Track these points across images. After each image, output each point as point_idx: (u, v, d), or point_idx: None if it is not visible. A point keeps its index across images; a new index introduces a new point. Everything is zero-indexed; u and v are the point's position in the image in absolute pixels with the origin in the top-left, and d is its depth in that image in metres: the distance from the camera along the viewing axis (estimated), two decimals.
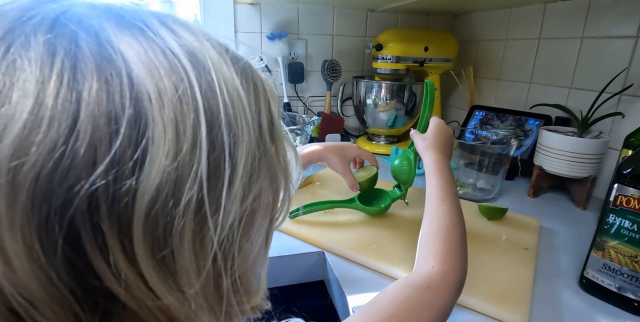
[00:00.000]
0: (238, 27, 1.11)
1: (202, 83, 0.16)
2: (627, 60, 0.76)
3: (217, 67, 0.17)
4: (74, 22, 0.15)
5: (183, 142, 0.15)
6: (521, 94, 1.02)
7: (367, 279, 0.53)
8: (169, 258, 0.15)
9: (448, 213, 0.44)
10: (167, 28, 0.17)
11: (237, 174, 0.17)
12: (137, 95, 0.14)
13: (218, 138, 0.16)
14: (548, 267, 0.56)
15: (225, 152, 0.16)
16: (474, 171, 0.81)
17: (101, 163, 0.13)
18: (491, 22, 1.12)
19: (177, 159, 0.14)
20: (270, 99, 0.20)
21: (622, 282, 0.48)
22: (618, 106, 0.79)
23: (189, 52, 0.16)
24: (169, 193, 0.14)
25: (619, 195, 0.47)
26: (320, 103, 1.25)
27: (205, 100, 0.16)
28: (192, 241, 0.15)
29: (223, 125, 0.16)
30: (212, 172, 0.16)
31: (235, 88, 0.17)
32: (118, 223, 0.14)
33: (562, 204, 0.80)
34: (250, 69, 0.20)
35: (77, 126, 0.13)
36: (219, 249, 0.17)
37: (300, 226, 0.64)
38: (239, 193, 0.17)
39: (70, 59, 0.14)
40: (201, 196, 0.15)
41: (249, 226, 0.19)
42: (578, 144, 0.74)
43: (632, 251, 0.46)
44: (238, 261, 0.18)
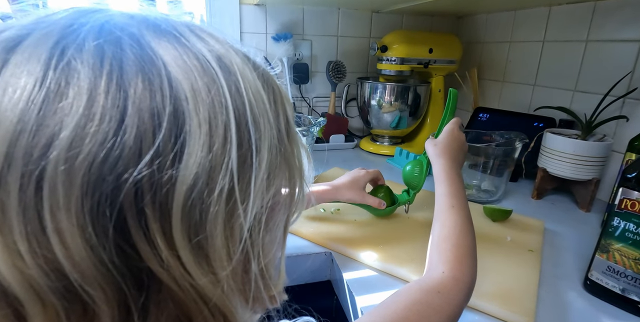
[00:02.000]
0: (244, 28, 1.12)
1: (231, 85, 0.17)
2: (631, 64, 0.77)
3: (242, 71, 0.19)
4: (117, 29, 0.16)
5: (216, 137, 0.16)
6: (525, 96, 1.03)
7: (374, 279, 0.54)
8: (203, 242, 0.16)
9: (458, 220, 0.45)
10: (197, 36, 0.18)
11: (262, 168, 0.18)
12: (176, 94, 0.16)
13: (245, 134, 0.17)
14: (553, 268, 0.57)
15: (252, 147, 0.17)
16: (478, 172, 0.82)
17: (146, 154, 0.14)
18: (495, 24, 1.12)
19: (210, 152, 0.16)
20: (285, 103, 0.22)
21: (626, 284, 0.48)
22: (622, 109, 0.79)
23: (217, 57, 0.18)
24: (204, 182, 0.16)
25: (624, 198, 0.47)
26: (325, 104, 1.26)
27: (234, 100, 0.17)
28: (224, 227, 0.17)
29: (250, 123, 0.18)
30: (241, 165, 0.17)
31: (258, 91, 0.19)
32: (160, 209, 0.15)
33: (565, 206, 0.80)
34: (269, 75, 0.22)
35: (125, 121, 0.14)
36: (248, 235, 0.18)
37: (308, 226, 0.64)
38: (263, 186, 0.18)
39: (118, 61, 0.15)
40: (232, 186, 0.17)
41: (269, 218, 0.20)
42: (582, 147, 0.75)
43: (637, 254, 0.47)
44: (261, 249, 0.20)
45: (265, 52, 1.16)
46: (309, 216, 0.69)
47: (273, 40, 1.13)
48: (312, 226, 0.65)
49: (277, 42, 1.12)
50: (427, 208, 0.72)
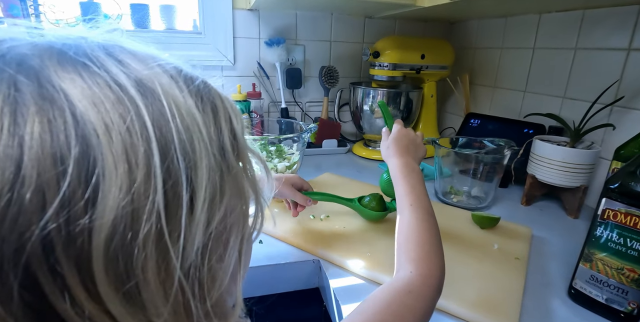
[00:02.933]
0: (237, 33, 1.12)
1: (152, 111, 0.16)
2: (619, 72, 0.77)
3: (168, 92, 0.17)
4: (12, 65, 0.14)
5: (136, 174, 0.14)
6: (516, 102, 1.04)
7: (362, 287, 0.54)
8: (134, 291, 0.15)
9: (418, 217, 0.45)
10: (113, 59, 0.17)
11: (199, 198, 0.16)
12: (83, 133, 0.14)
13: (174, 165, 0.16)
14: (538, 276, 0.58)
15: (182, 178, 0.16)
16: (468, 178, 0.82)
17: (50, 206, 0.13)
18: (487, 30, 1.13)
19: (131, 192, 0.14)
20: (232, 116, 0.20)
21: (609, 293, 0.49)
22: (610, 117, 0.80)
23: (136, 81, 0.16)
24: (127, 227, 0.14)
25: (607, 209, 0.48)
26: (318, 108, 1.26)
27: (157, 128, 0.16)
28: (156, 271, 0.15)
29: (178, 151, 0.16)
30: (170, 201, 0.15)
31: (189, 111, 0.17)
32: (77, 263, 0.13)
33: (554, 213, 0.81)
34: (207, 89, 0.20)
35: (21, 171, 0.13)
36: (186, 275, 0.16)
37: (296, 233, 0.65)
38: (202, 217, 0.17)
39: (10, 105, 0.13)
40: (160, 226, 0.15)
41: (219, 246, 0.19)
42: (570, 154, 0.75)
43: (619, 264, 0.47)
44: (209, 284, 0.18)
45: (258, 57, 1.16)
46: (298, 222, 0.69)
47: (266, 45, 1.13)
48: (300, 233, 0.65)
49: (270, 47, 1.13)
50: None
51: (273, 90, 1.20)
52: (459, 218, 0.73)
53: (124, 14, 1.11)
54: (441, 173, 0.84)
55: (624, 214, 0.46)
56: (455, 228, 0.69)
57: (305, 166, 1.02)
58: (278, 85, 1.18)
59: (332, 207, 0.75)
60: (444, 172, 0.84)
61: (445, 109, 1.35)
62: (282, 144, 0.83)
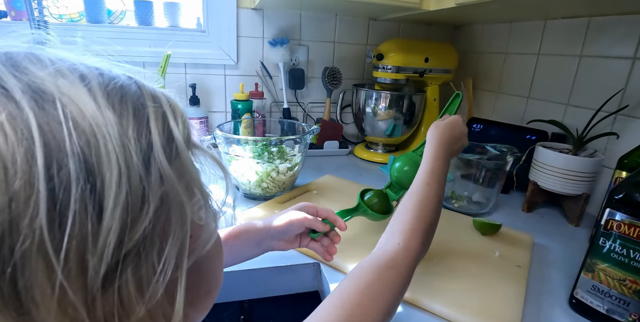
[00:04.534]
0: (240, 32, 1.11)
1: (42, 116, 0.14)
2: (624, 81, 0.77)
3: (67, 95, 0.15)
4: None
5: (12, 183, 0.13)
6: (519, 108, 1.04)
7: None
8: (24, 310, 0.13)
9: (428, 196, 0.46)
10: (11, 65, 0.16)
11: (108, 205, 0.15)
12: None
13: (64, 170, 0.14)
14: (539, 284, 0.57)
15: (72, 188, 0.14)
16: (469, 183, 0.82)
17: None
18: (492, 35, 1.13)
19: (5, 203, 0.13)
20: (169, 118, 0.19)
21: (611, 304, 0.49)
22: (613, 125, 0.80)
23: (29, 85, 0.15)
24: (3, 240, 0.13)
25: (610, 219, 0.48)
26: (320, 109, 1.26)
27: (46, 133, 0.14)
28: (47, 288, 0.14)
29: (69, 157, 0.14)
30: (60, 209, 0.14)
31: (95, 113, 0.16)
32: None
33: (555, 220, 0.81)
34: (133, 89, 0.18)
35: None
36: (96, 290, 0.15)
37: None
38: (115, 225, 0.15)
39: None
40: (42, 238, 0.13)
41: (149, 256, 0.17)
42: (572, 162, 0.75)
43: (621, 275, 0.47)
44: (133, 297, 0.16)
45: (261, 57, 1.15)
46: None
47: (270, 45, 1.13)
48: None
49: (274, 47, 1.12)
50: None
51: (275, 90, 1.19)
52: (459, 224, 0.73)
53: (128, 11, 1.11)
54: None
55: (628, 225, 0.46)
56: (456, 234, 0.69)
57: (306, 167, 1.02)
58: (281, 86, 1.17)
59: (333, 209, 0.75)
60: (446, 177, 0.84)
61: None
62: (284, 145, 0.82)
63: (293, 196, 0.81)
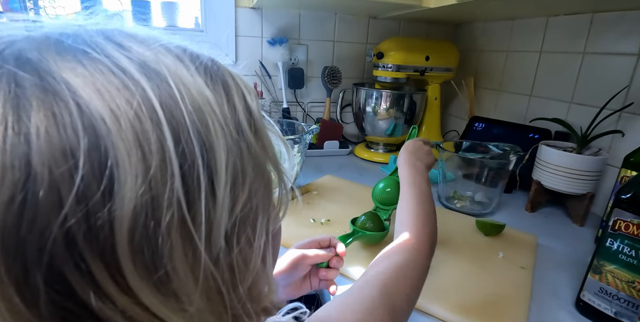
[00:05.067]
0: (239, 31, 1.10)
1: (160, 93, 0.15)
2: (628, 78, 0.76)
3: (175, 72, 0.16)
4: (10, 61, 0.14)
5: (150, 160, 0.14)
6: (521, 106, 1.02)
7: None
8: (164, 280, 0.14)
9: (416, 193, 0.50)
10: (113, 44, 0.16)
11: (220, 181, 0.16)
12: (90, 123, 0.13)
13: (189, 148, 0.15)
14: (544, 286, 0.56)
15: (198, 161, 0.15)
16: (472, 183, 0.81)
17: (66, 202, 0.12)
18: (493, 32, 1.11)
19: (147, 179, 0.14)
20: (245, 93, 0.20)
21: (619, 307, 0.47)
22: (618, 123, 0.78)
23: (140, 64, 0.16)
24: (148, 216, 0.14)
25: (618, 220, 0.46)
26: (320, 109, 1.25)
27: (167, 111, 0.15)
28: (184, 259, 0.15)
29: (191, 133, 0.15)
30: (190, 185, 0.15)
31: (199, 90, 0.16)
32: (102, 257, 0.13)
33: (559, 220, 0.79)
34: (216, 66, 0.19)
35: (32, 169, 0.12)
36: (216, 261, 0.16)
37: (296, 238, 0.63)
38: (226, 200, 0.16)
39: (12, 101, 0.13)
40: (182, 213, 0.14)
41: (247, 230, 0.18)
42: (576, 161, 0.74)
43: (630, 277, 0.46)
44: (241, 268, 0.18)
45: (260, 56, 1.14)
46: (298, 226, 0.67)
47: (268, 44, 1.12)
48: (301, 238, 0.63)
49: (273, 46, 1.11)
50: None
51: (275, 90, 1.18)
52: (462, 224, 0.71)
53: (126, 11, 1.10)
54: (444, 177, 0.83)
55: (637, 225, 0.45)
56: (459, 235, 0.68)
57: (306, 167, 1.00)
58: (280, 85, 1.16)
59: (334, 211, 0.74)
60: (448, 176, 0.83)
61: (449, 112, 1.33)
62: None
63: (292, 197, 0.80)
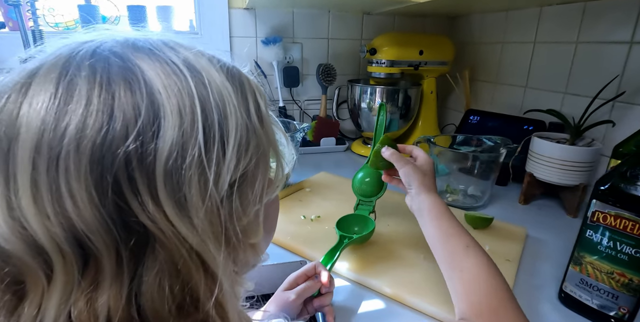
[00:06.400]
0: (233, 32, 1.12)
1: (196, 80, 0.23)
2: (621, 67, 0.74)
3: (207, 69, 0.24)
4: (105, 50, 0.22)
5: (185, 119, 0.21)
6: (517, 98, 1.01)
7: (348, 289, 0.54)
8: (182, 200, 0.21)
9: (481, 261, 0.44)
10: (169, 48, 0.24)
11: (230, 143, 0.23)
12: (151, 91, 0.21)
13: (211, 116, 0.22)
14: (529, 278, 0.56)
15: (215, 125, 0.22)
16: (464, 176, 0.81)
17: (131, 134, 0.20)
18: (488, 25, 1.10)
19: (181, 130, 0.21)
20: (257, 94, 0.27)
21: (599, 298, 0.47)
22: (611, 113, 0.77)
23: (185, 61, 0.23)
24: (178, 153, 0.21)
25: (597, 211, 0.46)
26: (316, 107, 1.26)
27: (199, 91, 0.22)
28: (198, 187, 0.21)
29: (213, 108, 0.22)
30: (208, 138, 0.22)
31: (223, 83, 0.24)
32: (146, 175, 0.20)
33: (553, 212, 0.79)
34: (237, 72, 0.27)
35: (114, 113, 0.20)
36: (221, 199, 0.23)
37: (285, 234, 0.65)
38: (233, 156, 0.23)
39: (106, 73, 0.21)
40: (201, 155, 0.21)
41: (247, 187, 0.25)
42: (569, 152, 0.73)
43: (609, 268, 0.46)
44: (240, 211, 0.24)
45: (255, 56, 1.15)
46: (288, 223, 0.69)
47: (263, 44, 1.13)
48: (289, 234, 0.65)
49: (267, 46, 1.12)
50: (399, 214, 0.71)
51: (271, 89, 1.19)
52: None
53: (122, 16, 1.12)
54: (437, 172, 0.83)
55: (614, 216, 0.45)
56: None
57: (303, 165, 1.02)
58: (276, 84, 1.17)
59: (325, 208, 0.75)
60: (440, 171, 0.83)
61: (446, 106, 1.32)
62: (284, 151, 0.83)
63: (286, 194, 0.82)
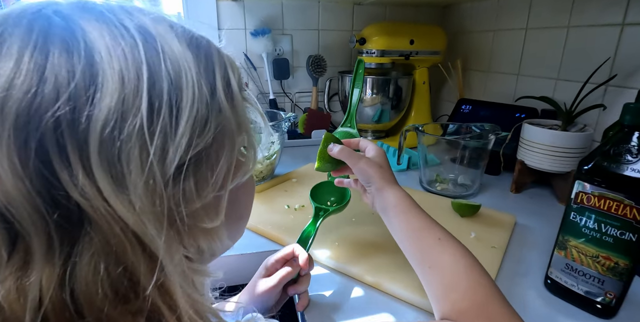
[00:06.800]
0: (221, 24, 1.10)
1: (147, 46, 0.21)
2: (613, 49, 0.72)
3: (163, 35, 0.22)
4: (50, 10, 0.20)
5: (127, 86, 0.19)
6: (509, 86, 0.99)
7: (327, 277, 0.52)
8: (119, 175, 0.19)
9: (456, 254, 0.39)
10: (125, 11, 0.22)
11: (182, 118, 0.21)
12: (90, 53, 0.19)
13: (159, 85, 0.20)
14: (515, 266, 0.55)
15: (164, 97, 0.20)
16: (454, 165, 0.79)
17: (61, 98, 0.18)
18: (480, 12, 1.08)
19: (121, 97, 0.19)
20: (228, 68, 0.25)
21: (585, 283, 0.46)
22: (604, 98, 0.75)
23: (139, 25, 0.21)
24: (116, 122, 0.19)
25: (580, 192, 0.45)
26: (308, 99, 1.24)
27: (148, 57, 0.20)
28: (139, 162, 0.19)
29: (164, 77, 0.20)
30: (153, 111, 0.20)
31: (180, 50, 0.22)
32: (78, 143, 0.18)
33: (544, 200, 0.77)
34: (206, 43, 0.24)
35: (44, 75, 0.18)
36: (167, 178, 0.20)
37: (267, 223, 0.63)
38: (186, 134, 0.21)
39: (44, 33, 0.19)
40: (142, 128, 0.19)
41: (204, 169, 0.23)
42: (560, 138, 0.71)
43: (594, 251, 0.44)
44: (192, 194, 0.22)
45: (245, 49, 1.14)
46: (272, 212, 0.68)
47: (251, 36, 1.12)
48: (270, 223, 0.63)
49: (256, 38, 1.11)
50: None
51: (261, 81, 1.18)
52: (439, 206, 0.70)
53: None
54: (426, 161, 0.81)
55: (598, 197, 0.43)
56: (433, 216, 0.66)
57: (294, 157, 1.00)
58: (266, 77, 1.16)
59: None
60: (429, 160, 0.81)
61: (440, 97, 1.30)
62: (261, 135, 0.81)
63: (272, 185, 0.80)
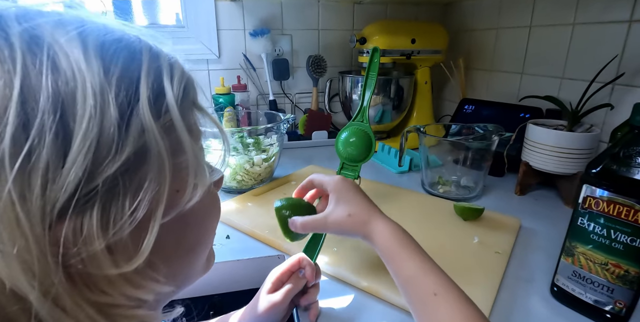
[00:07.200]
0: (220, 25, 1.09)
1: (28, 56, 0.16)
2: (620, 47, 0.70)
3: (59, 43, 0.17)
4: None
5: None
6: (513, 85, 0.97)
7: (325, 283, 0.51)
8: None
9: (454, 308, 0.32)
10: (18, 15, 0.18)
11: (74, 141, 0.16)
12: None
13: (33, 104, 0.16)
14: (520, 272, 0.53)
15: (40, 117, 0.16)
16: (457, 167, 0.77)
17: None
18: (482, 10, 1.06)
19: None
20: (164, 76, 0.20)
21: (594, 291, 0.44)
22: (611, 97, 0.73)
23: (27, 31, 0.17)
24: None
25: (588, 197, 0.43)
26: (308, 100, 1.23)
27: (27, 69, 0.16)
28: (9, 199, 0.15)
29: (43, 92, 0.16)
30: (20, 133, 0.15)
31: (78, 60, 0.17)
32: None
33: (550, 202, 0.75)
34: (126, 44, 0.19)
35: None
36: (44, 203, 0.16)
37: (263, 229, 0.62)
38: (79, 160, 0.16)
39: None
40: (3, 156, 0.15)
41: (114, 194, 0.18)
42: (565, 139, 0.69)
43: (603, 258, 0.42)
44: (84, 221, 0.17)
45: (244, 49, 1.13)
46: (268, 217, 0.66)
47: (251, 37, 1.10)
48: (267, 227, 0.62)
49: (255, 38, 1.10)
50: (379, 204, 0.68)
51: (260, 82, 1.17)
52: (441, 210, 0.68)
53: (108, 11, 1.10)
54: (428, 163, 0.80)
55: (607, 201, 0.41)
56: (435, 220, 0.65)
57: (294, 159, 0.99)
58: (265, 78, 1.14)
59: None
60: (431, 162, 0.80)
61: (443, 96, 1.28)
62: (260, 136, 0.80)
63: (270, 188, 0.79)
